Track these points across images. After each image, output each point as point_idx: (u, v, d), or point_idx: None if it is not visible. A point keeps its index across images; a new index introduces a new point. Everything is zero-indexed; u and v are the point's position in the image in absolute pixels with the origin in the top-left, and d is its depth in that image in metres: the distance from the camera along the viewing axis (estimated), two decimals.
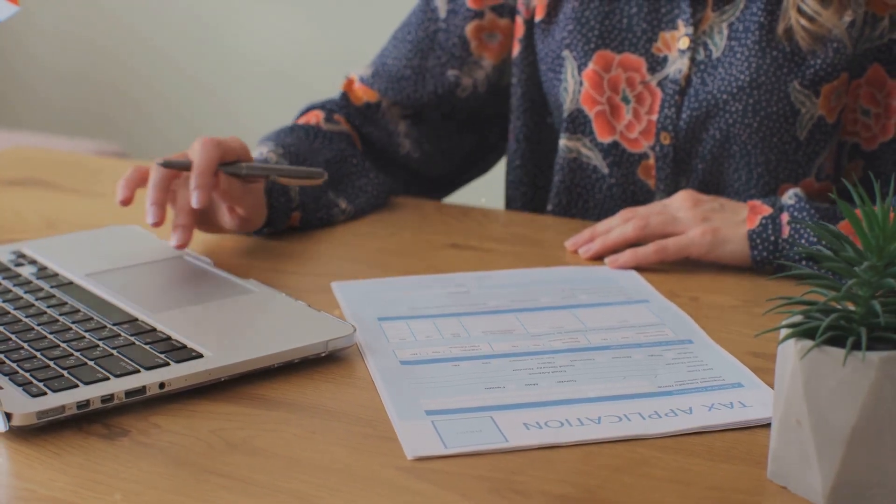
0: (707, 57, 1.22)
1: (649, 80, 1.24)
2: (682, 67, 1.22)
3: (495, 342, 0.96)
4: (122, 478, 0.76)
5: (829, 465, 0.72)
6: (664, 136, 1.24)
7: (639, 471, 0.77)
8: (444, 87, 1.33)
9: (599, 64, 1.25)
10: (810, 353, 0.71)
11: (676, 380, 0.90)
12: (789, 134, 1.21)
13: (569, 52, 1.26)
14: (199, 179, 1.08)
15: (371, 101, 1.35)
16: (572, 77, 1.26)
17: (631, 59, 1.24)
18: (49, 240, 1.16)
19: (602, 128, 1.27)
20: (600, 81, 1.25)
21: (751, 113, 1.20)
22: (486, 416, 0.84)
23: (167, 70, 2.99)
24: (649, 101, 1.24)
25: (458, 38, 1.32)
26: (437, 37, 1.33)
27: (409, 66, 1.34)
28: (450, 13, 1.32)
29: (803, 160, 1.22)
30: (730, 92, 1.20)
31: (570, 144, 1.29)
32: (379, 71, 1.35)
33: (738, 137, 1.21)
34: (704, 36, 1.22)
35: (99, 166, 1.57)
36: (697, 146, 1.23)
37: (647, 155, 1.26)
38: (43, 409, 0.81)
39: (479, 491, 0.75)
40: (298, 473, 0.77)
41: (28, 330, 0.94)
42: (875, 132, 1.23)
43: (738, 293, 1.08)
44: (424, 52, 1.33)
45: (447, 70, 1.33)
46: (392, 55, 1.35)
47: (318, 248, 1.21)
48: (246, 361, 0.89)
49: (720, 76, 1.21)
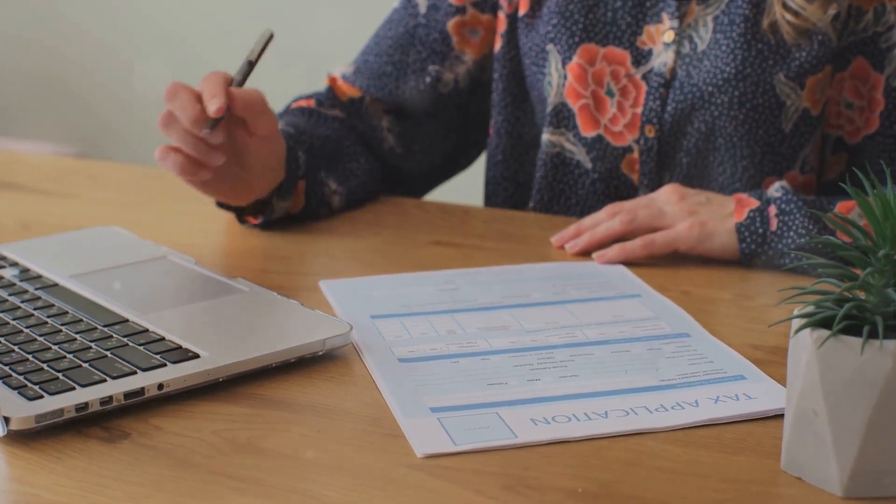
0: (692, 50, 1.22)
1: (634, 73, 1.24)
2: (666, 61, 1.22)
3: (492, 338, 0.96)
4: (127, 480, 0.75)
5: (846, 454, 0.72)
6: (649, 129, 1.24)
7: (651, 464, 0.77)
8: (425, 82, 1.33)
9: (584, 57, 1.25)
10: (826, 342, 0.71)
11: (678, 373, 0.90)
12: (775, 126, 1.21)
13: (553, 45, 1.26)
14: (213, 88, 1.08)
15: (354, 96, 1.35)
16: (556, 71, 1.26)
17: (615, 52, 1.24)
18: (29, 242, 1.14)
19: (586, 121, 1.27)
20: (584, 75, 1.25)
21: (736, 105, 1.20)
22: (492, 412, 0.84)
23: (122, 72, 2.95)
24: (634, 94, 1.24)
25: (438, 34, 1.32)
26: (416, 32, 1.33)
27: (389, 62, 1.34)
28: (430, 9, 1.32)
29: (788, 153, 1.23)
30: (715, 84, 1.21)
31: (554, 139, 1.28)
32: (360, 68, 1.35)
33: (723, 130, 1.21)
34: (689, 29, 1.22)
35: (64, 168, 1.55)
36: (682, 139, 1.24)
37: (631, 149, 1.26)
38: (42, 413, 0.79)
39: (494, 487, 0.74)
40: (309, 473, 0.76)
41: (17, 332, 0.92)
42: (859, 125, 1.23)
43: (729, 286, 1.08)
44: (405, 47, 1.33)
45: (427, 65, 1.32)
46: (373, 52, 1.35)
47: (301, 248, 1.19)
48: (244, 361, 0.88)
49: (705, 69, 1.21)
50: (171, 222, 1.27)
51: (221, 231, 1.24)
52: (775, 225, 1.11)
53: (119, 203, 1.33)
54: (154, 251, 1.10)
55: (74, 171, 1.49)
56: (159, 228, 1.22)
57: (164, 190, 1.40)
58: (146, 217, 1.28)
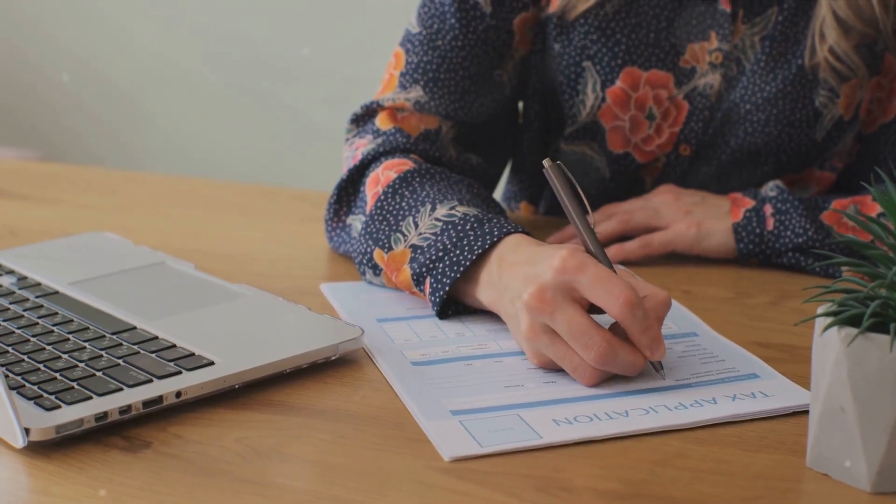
0: (739, 73, 1.17)
1: (676, 94, 1.18)
2: (713, 83, 1.17)
3: (502, 340, 0.96)
4: (156, 490, 0.74)
5: (874, 450, 0.73)
6: (684, 148, 1.20)
7: (679, 463, 0.77)
8: (502, 93, 1.21)
9: (626, 82, 1.18)
10: (854, 340, 0.72)
11: (691, 372, 0.90)
12: (808, 137, 1.18)
13: (591, 63, 1.18)
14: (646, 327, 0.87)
15: (430, 128, 1.17)
16: (593, 92, 1.19)
17: (659, 75, 1.18)
18: (23, 248, 1.12)
19: (616, 140, 1.21)
20: (627, 100, 1.19)
21: (773, 122, 1.17)
22: (513, 413, 0.84)
23: (83, 75, 2.92)
24: (674, 114, 1.19)
25: (506, 33, 1.19)
26: (488, 36, 1.18)
27: (466, 77, 1.18)
28: (496, 5, 1.17)
29: (815, 157, 1.21)
30: (754, 103, 1.17)
31: (576, 149, 1.23)
32: (433, 91, 1.17)
33: (753, 144, 1.18)
34: (737, 51, 1.17)
35: (42, 172, 1.52)
36: (712, 154, 1.21)
37: (658, 160, 1.22)
38: (62, 423, 0.78)
39: (527, 489, 0.74)
40: (337, 479, 0.75)
41: (24, 342, 0.90)
42: (876, 115, 1.21)
43: (729, 285, 1.09)
44: (480, 57, 1.18)
45: (494, 71, 1.20)
46: (442, 68, 1.17)
47: (296, 252, 1.19)
48: (259, 367, 0.87)
49: (742, 85, 1.17)
50: (160, 227, 1.26)
51: (212, 235, 1.23)
52: (772, 224, 1.12)
53: (104, 208, 1.32)
54: (151, 257, 1.09)
55: (52, 175, 1.47)
56: (149, 233, 1.21)
57: (148, 194, 1.39)
58: (134, 222, 1.27)
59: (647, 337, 0.86)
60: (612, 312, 0.85)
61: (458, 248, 0.97)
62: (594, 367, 0.86)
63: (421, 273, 0.99)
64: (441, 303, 0.98)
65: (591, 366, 0.86)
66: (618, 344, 0.85)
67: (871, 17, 1.12)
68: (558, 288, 0.86)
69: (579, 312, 0.86)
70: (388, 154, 1.13)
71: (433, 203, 1.02)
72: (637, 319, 0.85)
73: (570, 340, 0.86)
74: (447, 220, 0.99)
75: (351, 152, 1.17)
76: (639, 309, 0.85)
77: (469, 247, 0.96)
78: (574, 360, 0.87)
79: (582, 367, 0.86)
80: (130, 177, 1.46)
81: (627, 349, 0.86)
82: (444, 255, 0.97)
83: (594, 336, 0.85)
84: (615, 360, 0.85)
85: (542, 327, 0.87)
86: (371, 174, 1.11)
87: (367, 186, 1.10)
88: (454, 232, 0.98)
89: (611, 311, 0.85)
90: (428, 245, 0.99)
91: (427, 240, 1.00)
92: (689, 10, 1.16)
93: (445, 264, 0.97)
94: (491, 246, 0.96)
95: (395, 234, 1.03)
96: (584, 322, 0.85)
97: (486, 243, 0.96)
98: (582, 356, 0.86)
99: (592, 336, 0.85)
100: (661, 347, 0.86)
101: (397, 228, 1.03)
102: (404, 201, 1.05)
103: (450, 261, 0.97)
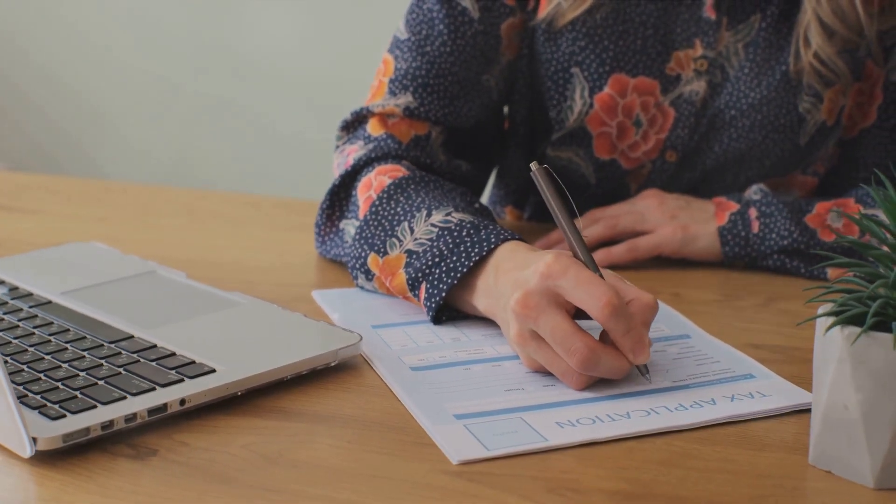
0: (723, 79, 1.18)
1: (662, 101, 1.19)
2: (698, 90, 1.18)
3: (498, 345, 0.96)
4: (167, 497, 0.74)
5: (877, 447, 0.74)
6: (670, 154, 1.21)
7: (685, 463, 0.78)
8: (490, 98, 1.21)
9: (615, 88, 1.18)
10: (858, 339, 0.73)
11: (688, 374, 0.91)
12: (791, 142, 1.19)
13: (579, 70, 1.18)
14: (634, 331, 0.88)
15: (420, 134, 1.17)
16: (581, 98, 1.19)
17: (646, 82, 1.18)
18: (9, 259, 1.11)
19: (603, 146, 1.22)
20: (615, 106, 1.19)
21: (758, 128, 1.18)
22: (516, 417, 0.84)
23: (41, 80, 2.90)
24: (661, 121, 1.19)
25: (493, 38, 1.19)
26: (476, 41, 1.18)
27: (455, 83, 1.18)
28: (483, 11, 1.17)
29: (798, 162, 1.22)
30: (739, 109, 1.18)
31: (562, 155, 1.23)
32: (423, 97, 1.17)
33: (737, 150, 1.19)
34: (721, 58, 1.17)
35: (19, 183, 1.51)
36: (697, 160, 1.22)
37: (643, 167, 1.23)
38: (68, 432, 0.78)
39: (537, 491, 0.75)
40: (348, 483, 0.76)
41: (22, 351, 0.90)
42: (856, 120, 1.22)
43: (717, 288, 1.11)
44: (468, 62, 1.18)
45: (482, 76, 1.20)
46: (431, 73, 1.17)
47: (284, 260, 1.19)
48: (261, 374, 0.87)
49: (727, 91, 1.18)
50: (146, 236, 1.25)
51: (200, 244, 1.23)
52: (757, 228, 1.13)
53: (87, 218, 1.31)
54: (141, 266, 1.09)
55: (30, 186, 1.46)
56: (136, 243, 1.21)
57: (130, 204, 1.38)
58: (120, 232, 1.26)
59: (630, 340, 0.86)
60: (594, 315, 0.86)
61: (454, 254, 0.98)
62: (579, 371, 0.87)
63: (416, 278, 0.99)
64: (437, 308, 0.98)
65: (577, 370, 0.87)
66: (600, 348, 0.86)
67: (855, 23, 1.14)
68: (542, 293, 0.87)
69: (562, 317, 0.87)
70: (380, 160, 1.14)
71: (429, 209, 1.03)
72: (619, 322, 0.86)
73: (553, 346, 0.87)
74: (443, 226, 1.00)
75: (342, 158, 1.17)
76: (621, 311, 0.85)
77: (466, 253, 0.97)
78: (561, 365, 0.88)
79: (569, 371, 0.87)
80: (110, 186, 1.45)
81: (611, 353, 0.87)
82: (441, 261, 0.98)
83: (576, 341, 0.86)
84: (598, 364, 0.86)
85: (529, 333, 0.88)
86: (363, 178, 1.11)
87: (359, 191, 1.10)
88: (450, 238, 0.99)
89: (593, 314, 0.86)
90: (424, 250, 1.00)
91: (423, 245, 1.00)
92: (674, 17, 1.18)
93: (442, 270, 0.98)
94: (488, 253, 0.96)
95: (390, 239, 1.03)
96: (565, 327, 0.86)
97: (484, 250, 0.96)
98: (567, 361, 0.87)
99: (575, 341, 0.86)
100: (645, 351, 0.87)
101: (392, 233, 1.03)
102: (399, 206, 1.05)
103: (446, 266, 0.98)
